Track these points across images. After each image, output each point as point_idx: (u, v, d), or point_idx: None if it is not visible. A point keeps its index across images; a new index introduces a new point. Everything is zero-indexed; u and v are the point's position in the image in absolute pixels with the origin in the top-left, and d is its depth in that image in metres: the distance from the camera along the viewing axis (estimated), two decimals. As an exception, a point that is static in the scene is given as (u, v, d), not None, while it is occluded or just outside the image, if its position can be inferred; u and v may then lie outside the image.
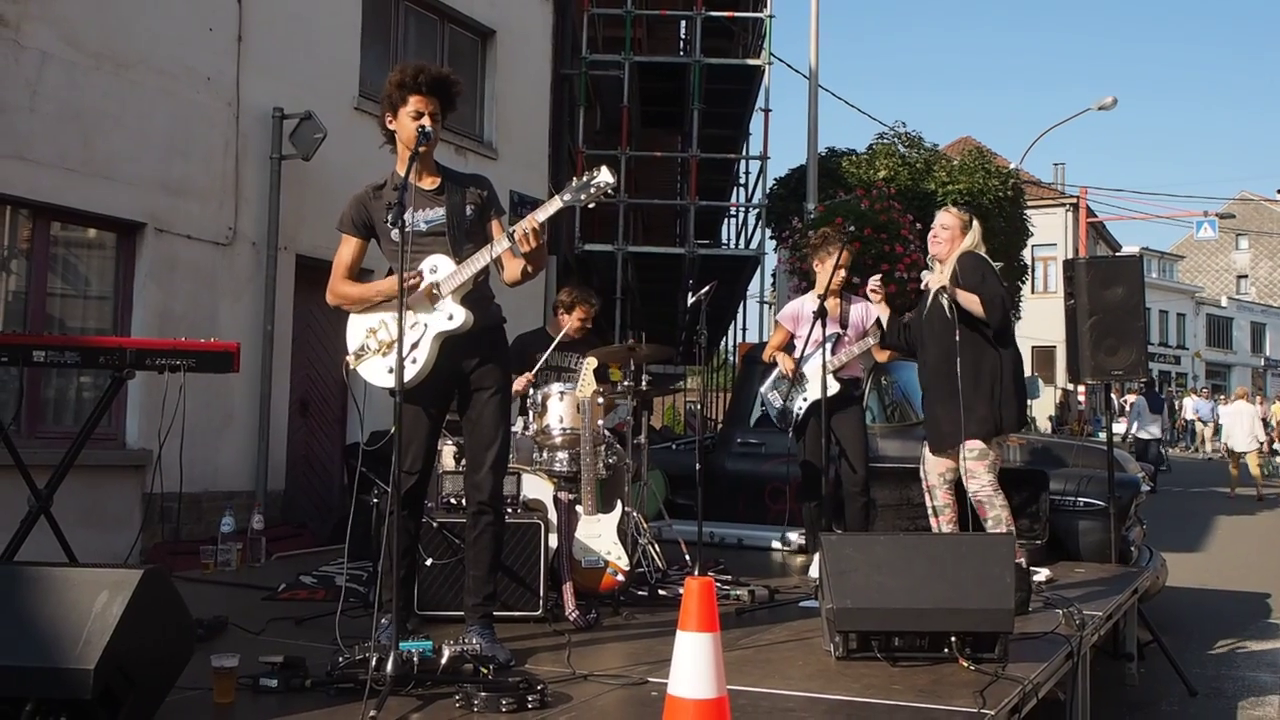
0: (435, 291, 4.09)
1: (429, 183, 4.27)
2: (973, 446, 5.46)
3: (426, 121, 4.12)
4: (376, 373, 4.19)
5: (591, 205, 4.05)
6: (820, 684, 3.80)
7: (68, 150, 7.58)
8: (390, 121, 4.24)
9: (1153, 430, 19.71)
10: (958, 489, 5.70)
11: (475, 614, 4.18)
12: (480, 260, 4.09)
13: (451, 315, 4.11)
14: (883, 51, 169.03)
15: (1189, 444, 34.67)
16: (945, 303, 5.49)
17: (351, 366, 4.27)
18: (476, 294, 4.19)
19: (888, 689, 3.71)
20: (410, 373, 4.06)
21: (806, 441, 6.30)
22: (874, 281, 5.97)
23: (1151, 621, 6.55)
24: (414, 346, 4.10)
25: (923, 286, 5.86)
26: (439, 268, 4.10)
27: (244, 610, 4.93)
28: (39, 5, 7.42)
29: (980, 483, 5.46)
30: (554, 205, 4.03)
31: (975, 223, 5.74)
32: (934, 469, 5.70)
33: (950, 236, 5.65)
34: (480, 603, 4.20)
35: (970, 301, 5.40)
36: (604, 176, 3.95)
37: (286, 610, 5.02)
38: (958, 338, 5.42)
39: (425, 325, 4.11)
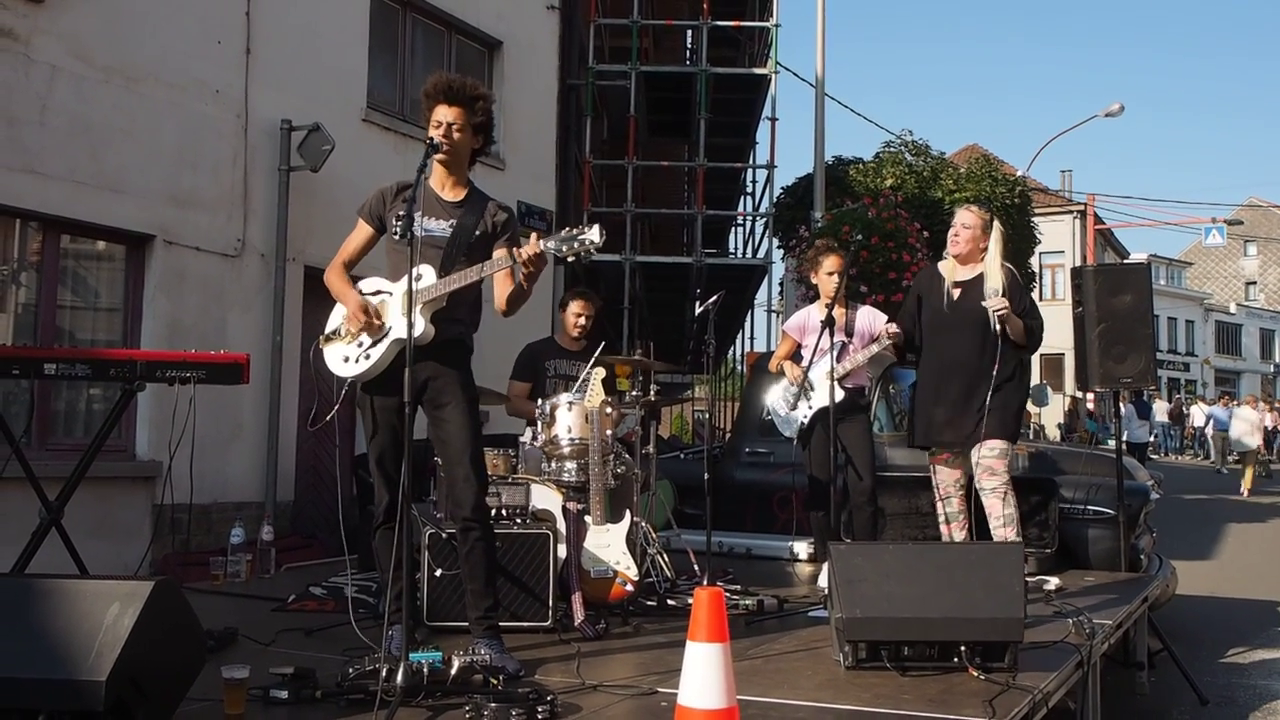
0: (379, 322, 4.18)
1: (452, 194, 4.31)
2: (995, 445, 5.50)
3: (441, 131, 4.16)
4: (335, 359, 4.29)
5: (571, 259, 4.05)
6: (830, 694, 3.80)
7: (77, 163, 7.62)
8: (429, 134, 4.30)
9: (1141, 435, 20.47)
10: (967, 496, 5.72)
11: (479, 626, 4.18)
12: (458, 280, 4.10)
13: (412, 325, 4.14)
14: (889, 60, 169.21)
15: (1198, 451, 34.15)
16: (992, 316, 5.51)
17: (319, 346, 4.35)
18: (448, 313, 4.19)
19: (897, 699, 3.71)
20: (360, 369, 4.19)
21: (813, 450, 6.29)
22: (890, 329, 5.97)
23: (1162, 630, 6.53)
24: (373, 345, 4.19)
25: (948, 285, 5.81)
26: (423, 277, 4.13)
27: (254, 621, 4.95)
28: (49, 19, 7.46)
29: (1000, 479, 5.50)
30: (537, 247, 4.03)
31: (995, 223, 5.77)
32: (949, 476, 5.71)
33: (971, 236, 5.69)
34: (482, 616, 4.19)
35: (1016, 327, 5.49)
36: (593, 235, 3.96)
37: (296, 621, 5.03)
38: (999, 343, 5.50)
39: (390, 328, 4.20)
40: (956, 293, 5.74)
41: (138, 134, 8.00)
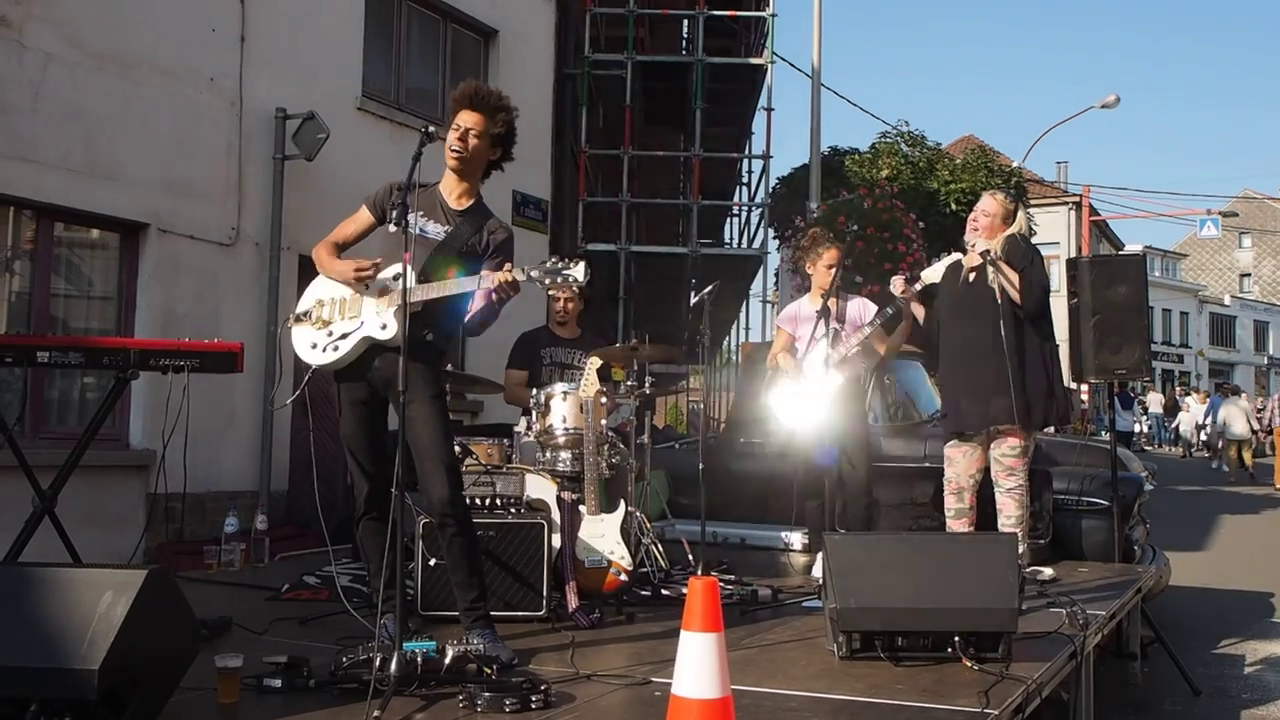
0: (367, 284, 4.17)
1: (458, 203, 4.31)
2: (1015, 443, 5.47)
3: (458, 134, 4.20)
4: (302, 343, 4.28)
5: (551, 292, 4.06)
6: (824, 684, 3.80)
7: (71, 151, 7.59)
8: None
9: (1125, 424, 21.09)
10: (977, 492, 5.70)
11: (468, 618, 4.16)
12: (435, 289, 4.08)
13: (385, 325, 4.13)
14: (885, 50, 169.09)
15: (1194, 445, 32.61)
16: (994, 284, 5.45)
17: (289, 325, 4.33)
18: (419, 318, 4.11)
19: (891, 689, 3.71)
20: (326, 359, 4.19)
21: (811, 440, 6.28)
22: (898, 281, 5.91)
23: (1155, 621, 6.54)
24: (343, 337, 4.19)
25: (966, 261, 5.75)
26: (401, 278, 4.10)
27: (248, 610, 4.93)
28: (42, 6, 7.42)
29: (1018, 480, 5.48)
30: (520, 274, 4.03)
31: (1020, 210, 5.73)
32: (966, 469, 5.65)
33: (990, 224, 5.62)
34: (469, 607, 4.17)
35: (1010, 277, 5.42)
36: (577, 272, 3.95)
37: (290, 610, 5.03)
38: (1001, 319, 5.40)
39: (361, 323, 4.18)
40: (974, 276, 5.68)
41: (132, 122, 7.97)
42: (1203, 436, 28.69)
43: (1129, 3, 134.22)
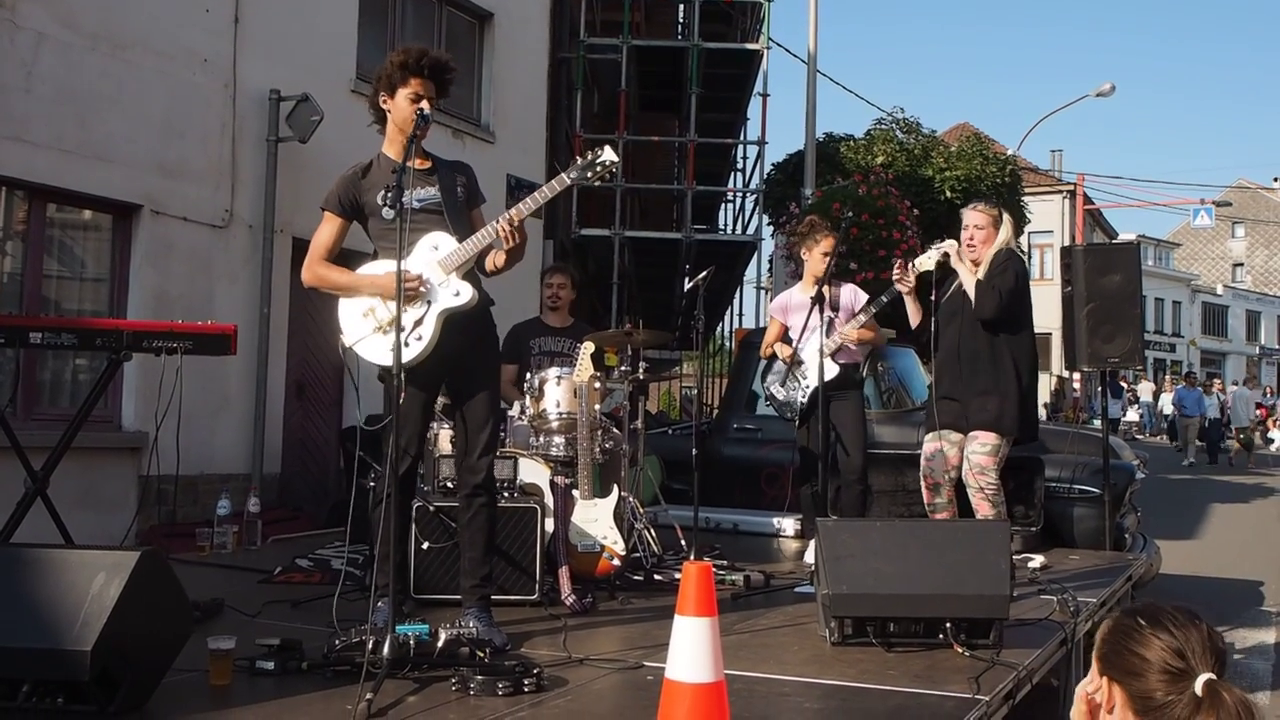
0: (423, 289, 4.05)
1: (420, 164, 4.27)
2: (986, 441, 5.46)
3: (425, 105, 4.11)
4: (377, 351, 4.05)
5: (597, 183, 4.08)
6: (816, 669, 3.81)
7: (64, 131, 7.55)
8: (385, 101, 4.21)
9: (1111, 412, 21.63)
10: (956, 486, 5.71)
11: (472, 596, 4.19)
12: (484, 239, 4.08)
13: (458, 292, 4.08)
14: (881, 37, 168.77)
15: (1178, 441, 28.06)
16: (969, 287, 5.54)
17: (348, 345, 4.16)
18: (475, 277, 4.20)
19: (883, 674, 3.72)
20: (415, 351, 4.02)
21: (810, 427, 6.28)
22: (897, 270, 5.91)
23: (1145, 608, 6.56)
24: (418, 324, 4.06)
25: (919, 265, 5.82)
26: (440, 245, 4.10)
27: (240, 593, 4.93)
28: (35, -15, 7.38)
29: (989, 479, 5.47)
30: (560, 184, 4.08)
31: (1006, 216, 5.75)
32: (943, 464, 5.66)
33: (985, 236, 5.66)
34: (477, 584, 4.21)
35: (969, 283, 5.46)
36: (608, 155, 4.02)
37: (283, 593, 5.03)
38: (971, 323, 5.47)
39: (429, 303, 4.07)
40: (961, 284, 5.74)
41: (125, 102, 7.93)
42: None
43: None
